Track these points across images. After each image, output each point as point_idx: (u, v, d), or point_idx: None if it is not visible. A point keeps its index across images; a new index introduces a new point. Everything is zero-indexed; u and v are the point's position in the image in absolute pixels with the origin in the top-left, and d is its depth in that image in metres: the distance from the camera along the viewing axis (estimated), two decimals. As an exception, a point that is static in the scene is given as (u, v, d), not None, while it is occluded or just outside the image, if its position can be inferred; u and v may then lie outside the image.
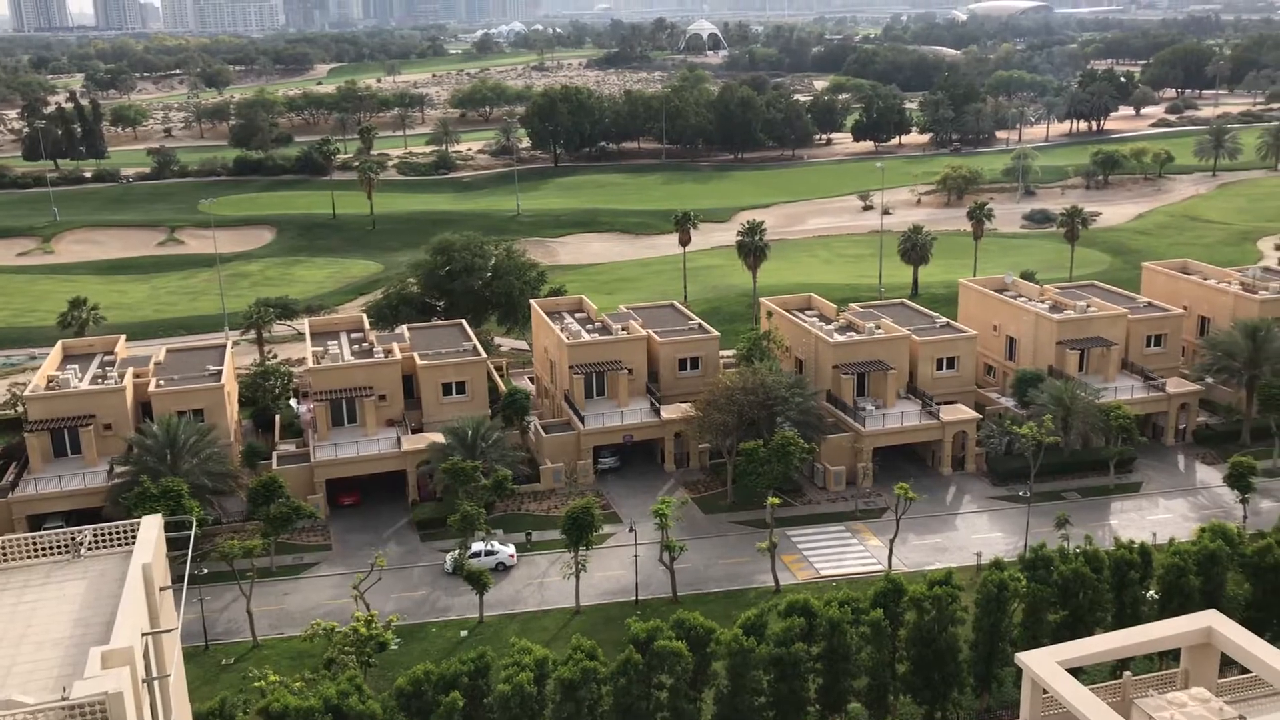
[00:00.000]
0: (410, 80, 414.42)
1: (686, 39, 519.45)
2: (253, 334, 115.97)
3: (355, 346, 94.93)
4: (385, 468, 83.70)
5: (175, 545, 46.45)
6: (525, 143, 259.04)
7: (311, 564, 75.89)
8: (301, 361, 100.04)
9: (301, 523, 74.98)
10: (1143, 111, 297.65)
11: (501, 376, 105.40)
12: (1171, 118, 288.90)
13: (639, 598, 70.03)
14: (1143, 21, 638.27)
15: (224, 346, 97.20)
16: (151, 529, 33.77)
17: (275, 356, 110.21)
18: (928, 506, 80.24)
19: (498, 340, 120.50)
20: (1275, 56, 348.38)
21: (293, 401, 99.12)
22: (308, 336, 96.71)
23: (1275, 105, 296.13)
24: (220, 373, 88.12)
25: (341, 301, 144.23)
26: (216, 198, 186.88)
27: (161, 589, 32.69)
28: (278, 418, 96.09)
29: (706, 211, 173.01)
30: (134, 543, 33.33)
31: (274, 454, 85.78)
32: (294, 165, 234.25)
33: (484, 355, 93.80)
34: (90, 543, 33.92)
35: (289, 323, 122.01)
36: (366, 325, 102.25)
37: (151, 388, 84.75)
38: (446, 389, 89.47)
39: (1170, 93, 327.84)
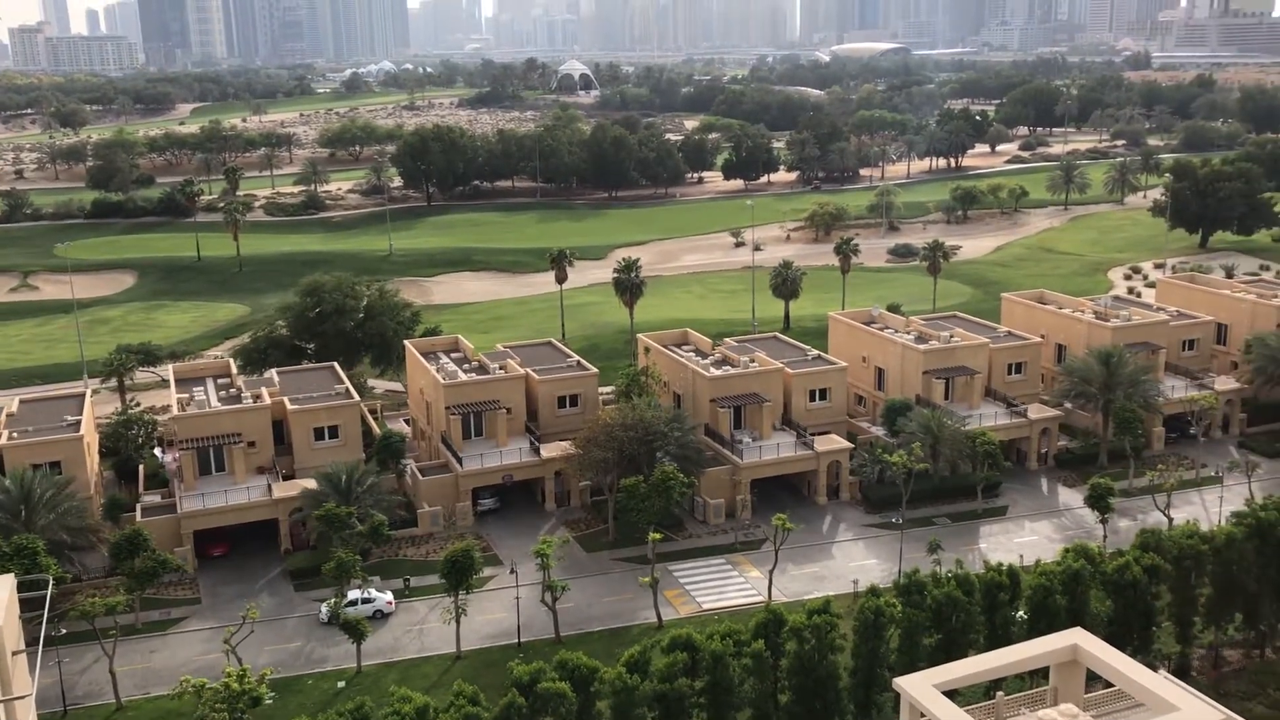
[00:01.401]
0: (277, 120, 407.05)
1: (558, 79, 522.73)
2: (114, 382, 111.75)
3: (222, 392, 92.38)
4: (256, 516, 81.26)
5: (30, 606, 44.23)
6: (397, 182, 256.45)
7: (179, 619, 73.09)
8: (166, 409, 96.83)
9: (168, 576, 72.46)
10: (998, 149, 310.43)
11: (376, 419, 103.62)
12: (1025, 154, 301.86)
13: (521, 640, 69.30)
14: (995, 63, 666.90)
15: (83, 395, 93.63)
16: (2, 590, 32.10)
17: (138, 404, 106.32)
18: (805, 536, 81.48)
19: (371, 382, 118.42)
20: (1117, 96, 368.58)
21: (157, 450, 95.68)
22: (172, 383, 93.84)
23: (1120, 142, 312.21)
24: (79, 423, 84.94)
25: (207, 346, 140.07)
26: (74, 241, 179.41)
27: (14, 653, 31.04)
28: (141, 468, 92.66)
29: (582, 249, 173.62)
30: (-17, 605, 31.60)
31: (138, 506, 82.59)
32: (156, 207, 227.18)
33: (357, 398, 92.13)
34: (-65, 607, 32.04)
35: (152, 369, 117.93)
36: (234, 370, 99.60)
37: (2, 440, 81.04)
38: (318, 434, 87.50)
39: (1023, 130, 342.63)
